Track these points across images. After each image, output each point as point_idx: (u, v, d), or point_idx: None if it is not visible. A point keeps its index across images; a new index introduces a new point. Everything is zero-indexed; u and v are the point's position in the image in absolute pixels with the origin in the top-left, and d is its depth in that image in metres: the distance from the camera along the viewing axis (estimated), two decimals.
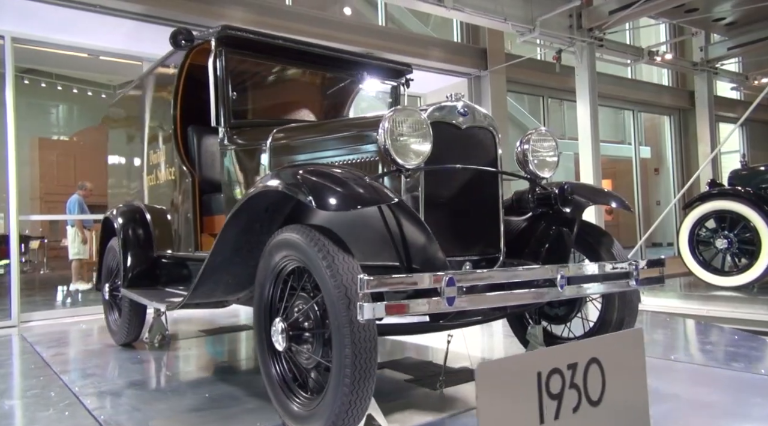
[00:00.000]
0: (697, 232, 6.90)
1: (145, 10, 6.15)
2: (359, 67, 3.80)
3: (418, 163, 2.23)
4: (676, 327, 4.51)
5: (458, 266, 2.30)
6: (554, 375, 1.70)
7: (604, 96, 10.24)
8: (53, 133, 15.43)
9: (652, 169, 14.46)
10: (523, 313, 2.97)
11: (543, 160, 2.71)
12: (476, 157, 2.47)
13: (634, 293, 2.72)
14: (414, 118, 2.22)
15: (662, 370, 3.04)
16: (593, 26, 8.54)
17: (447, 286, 1.85)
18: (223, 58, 3.16)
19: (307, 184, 1.99)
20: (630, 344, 1.92)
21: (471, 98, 9.36)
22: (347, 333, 1.84)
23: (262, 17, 6.94)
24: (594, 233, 2.82)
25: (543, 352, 1.88)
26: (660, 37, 13.02)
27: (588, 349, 1.81)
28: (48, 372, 3.48)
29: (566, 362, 1.73)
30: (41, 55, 7.34)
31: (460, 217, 2.41)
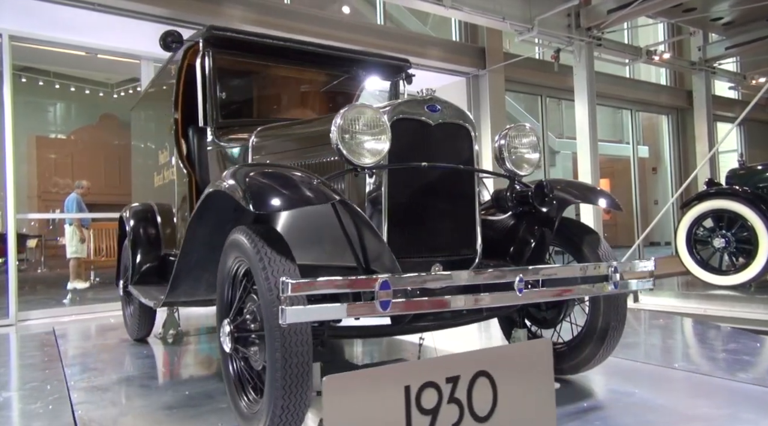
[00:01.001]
0: (694, 231, 6.91)
1: (144, 8, 6.14)
2: (354, 64, 3.71)
3: (375, 161, 2.15)
4: (674, 327, 4.52)
5: (427, 267, 2.19)
6: (428, 389, 1.57)
7: (602, 95, 10.25)
8: (51, 132, 15.40)
9: (650, 169, 14.48)
10: (510, 315, 2.80)
11: (521, 157, 2.58)
12: (449, 155, 2.36)
13: (621, 297, 2.55)
14: (369, 116, 2.14)
15: (656, 378, 2.90)
16: (591, 25, 8.54)
17: (381, 289, 1.76)
18: (210, 59, 3.16)
19: (245, 184, 1.92)
20: (534, 356, 1.77)
21: (470, 97, 9.37)
22: (277, 336, 1.79)
23: (261, 16, 6.93)
24: (579, 232, 2.67)
25: (414, 365, 1.71)
26: (658, 37, 13.04)
27: (474, 362, 1.67)
28: (56, 365, 3.55)
29: (444, 375, 1.61)
30: (39, 53, 7.33)
31: (430, 217, 2.31)
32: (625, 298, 2.58)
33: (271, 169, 2.05)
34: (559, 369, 2.68)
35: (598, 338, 2.57)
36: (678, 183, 13.05)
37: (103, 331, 4.90)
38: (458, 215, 2.38)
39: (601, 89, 9.62)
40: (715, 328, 4.36)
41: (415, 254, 2.23)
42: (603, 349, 2.59)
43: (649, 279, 2.45)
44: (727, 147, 13.91)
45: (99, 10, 5.89)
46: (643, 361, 3.23)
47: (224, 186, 2.01)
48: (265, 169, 2.03)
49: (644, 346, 3.83)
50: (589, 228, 2.72)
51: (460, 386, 1.63)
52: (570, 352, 2.70)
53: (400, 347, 3.80)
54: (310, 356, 1.83)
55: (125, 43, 6.75)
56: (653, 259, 2.47)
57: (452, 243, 2.35)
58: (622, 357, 3.24)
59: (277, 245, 1.94)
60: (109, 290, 8.62)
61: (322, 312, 1.75)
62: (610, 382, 2.82)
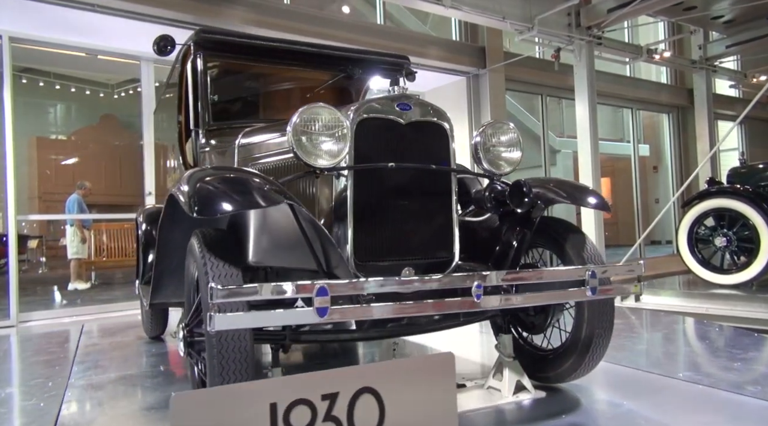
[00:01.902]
0: (696, 230, 6.91)
1: (143, 9, 6.13)
2: (348, 63, 3.60)
3: (333, 163, 2.11)
4: (674, 328, 4.50)
5: (397, 271, 2.14)
6: (299, 407, 1.48)
7: (602, 94, 10.24)
8: (51, 133, 15.40)
9: (651, 167, 14.46)
10: (495, 320, 2.69)
11: (498, 156, 2.47)
12: (423, 154, 2.28)
13: (607, 303, 2.39)
14: (326, 116, 2.10)
15: (649, 387, 2.74)
16: (592, 24, 8.53)
17: (317, 295, 1.72)
18: (201, 61, 3.16)
19: (191, 190, 1.87)
20: (435, 371, 1.64)
21: (470, 97, 9.36)
22: (214, 343, 1.78)
23: (261, 16, 6.92)
24: (564, 232, 2.50)
25: (282, 381, 1.59)
26: (659, 35, 13.01)
27: (356, 378, 1.57)
28: (66, 362, 3.62)
29: (320, 392, 1.51)
30: (39, 54, 7.32)
31: (400, 219, 2.24)
32: (611, 304, 2.43)
33: (221, 174, 2.00)
34: (545, 377, 2.61)
35: (582, 346, 2.42)
36: (679, 182, 13.03)
37: (124, 329, 4.95)
38: (432, 217, 2.31)
39: (601, 88, 9.61)
40: (717, 329, 4.33)
41: (385, 258, 2.17)
42: (588, 358, 2.45)
43: (635, 283, 2.28)
44: (728, 145, 13.89)
45: (99, 11, 5.89)
46: (636, 368, 3.09)
47: (174, 191, 1.98)
48: (214, 174, 1.99)
49: (641, 351, 3.71)
50: (574, 227, 2.56)
51: (339, 404, 1.52)
52: (555, 360, 2.57)
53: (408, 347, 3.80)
54: (249, 363, 1.81)
55: (125, 44, 6.75)
56: (642, 262, 2.32)
57: (426, 246, 2.28)
58: (614, 362, 3.14)
59: (222, 249, 1.91)
60: (110, 291, 8.64)
61: (253, 319, 1.70)
62: (599, 391, 2.69)
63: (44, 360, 3.80)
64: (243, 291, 1.68)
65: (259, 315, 1.71)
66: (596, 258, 2.38)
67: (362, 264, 2.15)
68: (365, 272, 2.12)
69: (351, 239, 2.13)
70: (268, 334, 2.11)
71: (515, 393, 2.49)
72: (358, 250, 2.14)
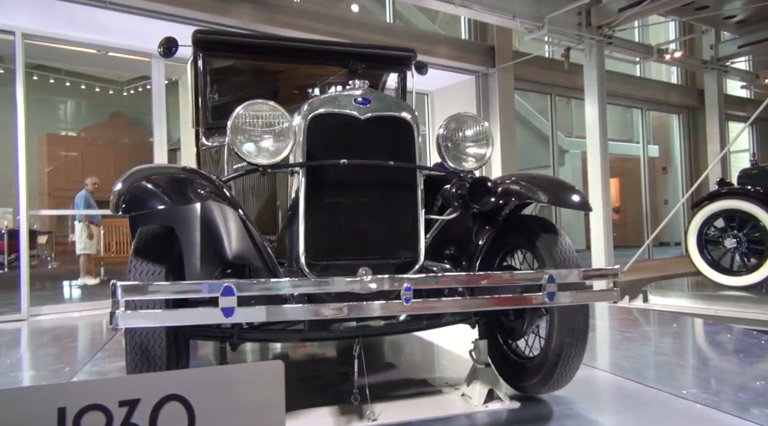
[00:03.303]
0: (705, 231, 6.86)
1: (155, 7, 6.15)
2: (352, 58, 3.45)
3: (276, 160, 2.08)
4: (682, 332, 4.45)
5: (354, 271, 2.05)
6: (92, 412, 1.41)
7: (612, 94, 10.17)
8: (61, 129, 15.51)
9: (660, 168, 14.36)
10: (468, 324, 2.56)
11: (463, 151, 2.35)
12: (384, 150, 2.19)
13: (578, 311, 2.22)
14: (266, 113, 2.08)
15: (637, 401, 2.57)
16: (602, 24, 8.47)
17: (223, 295, 1.70)
18: (201, 62, 3.16)
19: (120, 188, 1.89)
20: (260, 381, 1.55)
21: (479, 96, 9.33)
22: (128, 339, 1.81)
23: (270, 14, 6.94)
24: (538, 231, 2.35)
25: (74, 385, 1.52)
26: (669, 35, 12.91)
27: (162, 385, 1.48)
28: (90, 351, 3.77)
29: (118, 398, 1.43)
30: (50, 51, 7.36)
31: (357, 218, 2.16)
32: (584, 311, 2.25)
33: (153, 172, 2.00)
34: (522, 387, 2.50)
35: (553, 357, 2.27)
36: (688, 183, 12.94)
37: None
38: (394, 215, 2.21)
39: (611, 88, 9.55)
40: (726, 331, 4.29)
41: (340, 257, 2.12)
42: (559, 369, 2.29)
43: (610, 290, 2.11)
44: (738, 147, 13.77)
45: (111, 8, 5.92)
46: (626, 377, 2.94)
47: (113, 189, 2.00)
48: (147, 173, 1.98)
49: (635, 357, 3.51)
50: (549, 226, 2.39)
51: (139, 410, 1.44)
52: (531, 370, 2.42)
53: (413, 344, 3.80)
54: (163, 360, 1.82)
55: (136, 42, 6.78)
56: (618, 266, 2.17)
57: (387, 245, 2.19)
58: (605, 369, 3.04)
59: (149, 247, 1.93)
60: None
61: (155, 318, 1.72)
62: (582, 403, 2.53)
63: (59, 350, 3.92)
64: (146, 289, 1.69)
65: (160, 314, 1.73)
66: (569, 261, 2.22)
67: (314, 263, 2.10)
68: (318, 272, 2.09)
69: (303, 238, 2.10)
70: (215, 332, 2.10)
71: (486, 402, 2.40)
72: (310, 248, 2.10)
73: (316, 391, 2.80)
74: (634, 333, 4.44)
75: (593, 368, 3.11)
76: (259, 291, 1.81)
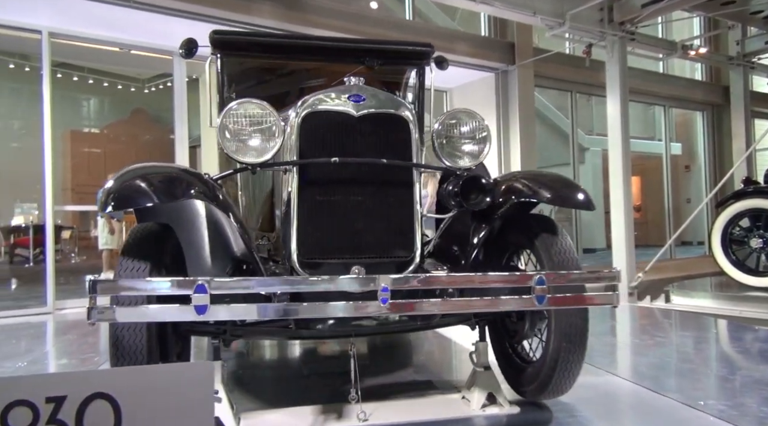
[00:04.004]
0: (730, 230, 6.75)
1: (176, 5, 6.21)
2: (367, 55, 3.37)
3: (264, 159, 2.08)
4: (707, 333, 4.37)
5: (346, 270, 2.03)
6: (19, 407, 1.42)
7: (634, 91, 10.02)
8: (84, 126, 15.77)
9: (683, 166, 14.13)
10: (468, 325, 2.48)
11: (457, 148, 2.27)
12: (379, 148, 2.15)
13: (576, 315, 2.12)
14: (253, 112, 2.07)
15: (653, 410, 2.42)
16: (625, 20, 8.34)
17: (195, 292, 1.71)
18: (217, 62, 3.19)
19: (111, 187, 1.91)
20: (188, 381, 1.53)
21: (498, 93, 9.27)
22: (111, 334, 1.87)
23: (289, 11, 6.97)
24: (539, 231, 2.25)
25: (2, 381, 1.53)
26: (694, 31, 12.68)
27: (88, 382, 1.46)
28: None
29: (45, 394, 1.43)
30: (74, 49, 7.49)
31: (350, 216, 2.13)
32: (583, 315, 2.15)
33: (141, 172, 2.00)
34: (522, 391, 2.43)
35: (550, 361, 2.18)
36: (712, 181, 12.70)
37: None
38: (389, 214, 2.17)
39: (633, 85, 9.41)
40: (751, 333, 4.19)
41: (333, 256, 2.10)
42: (557, 375, 2.19)
43: (608, 293, 1.98)
44: (765, 144, 13.47)
45: (135, 7, 6.00)
46: (640, 384, 2.79)
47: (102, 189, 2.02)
48: (135, 172, 1.99)
49: (658, 362, 3.33)
50: (549, 226, 2.28)
51: (66, 407, 1.44)
52: (532, 374, 2.35)
53: (430, 343, 3.79)
54: (143, 354, 1.86)
55: (158, 40, 6.87)
56: (617, 268, 2.05)
57: (382, 244, 2.15)
58: (618, 374, 2.91)
59: (136, 244, 1.96)
60: None
61: (126, 314, 1.75)
62: (586, 410, 2.42)
63: (86, 341, 4.03)
64: (118, 286, 1.74)
65: (134, 310, 1.76)
66: (568, 262, 2.12)
67: (307, 262, 2.09)
68: (311, 270, 2.08)
69: (295, 236, 2.09)
70: (209, 328, 2.13)
71: (485, 406, 2.34)
72: (302, 247, 2.09)
73: (309, 388, 2.79)
74: (653, 334, 4.35)
75: (607, 373, 3.01)
76: (230, 290, 1.80)
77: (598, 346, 3.70)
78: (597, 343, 3.84)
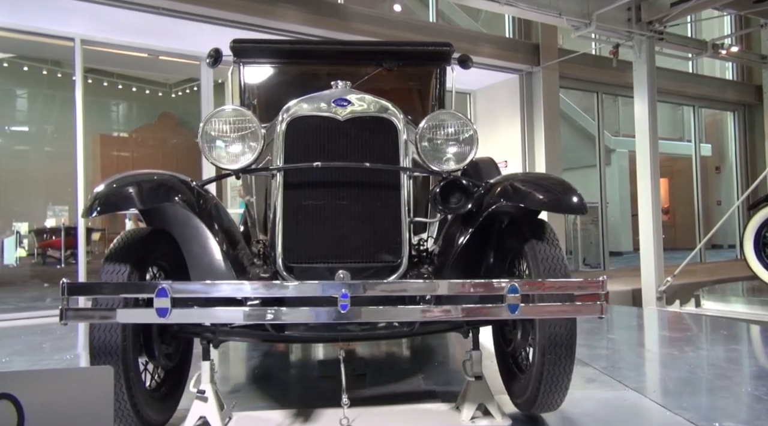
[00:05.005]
0: (764, 233, 6.57)
1: (203, 11, 6.32)
2: (385, 56, 3.30)
3: (244, 165, 2.13)
4: (739, 340, 4.24)
5: (331, 275, 2.02)
6: None
7: (662, 91, 9.85)
8: (113, 130, 16.13)
9: (713, 168, 13.82)
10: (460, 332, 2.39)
11: (440, 150, 2.20)
12: (365, 151, 2.14)
13: (560, 326, 1.99)
14: (233, 118, 2.11)
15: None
16: (653, 19, 8.21)
17: (157, 296, 1.76)
18: (240, 70, 3.24)
19: (94, 194, 1.98)
20: (88, 384, 1.53)
21: (522, 95, 9.20)
22: (90, 332, 1.92)
23: (314, 15, 7.02)
24: (529, 236, 2.12)
25: None
26: (724, 30, 12.40)
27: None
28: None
29: None
30: (104, 56, 7.67)
31: (337, 221, 2.12)
32: (568, 326, 2.00)
33: (126, 178, 2.05)
34: (516, 403, 2.33)
35: (536, 374, 2.06)
36: (744, 183, 12.40)
37: None
38: (375, 218, 2.14)
39: (661, 85, 9.25)
40: None
41: (318, 260, 2.10)
42: (543, 387, 2.06)
43: (592, 304, 1.85)
44: None
45: (163, 14, 6.12)
46: (658, 402, 2.55)
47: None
48: (121, 178, 2.04)
49: (681, 374, 3.06)
50: (538, 229, 2.14)
51: None
52: (522, 386, 2.24)
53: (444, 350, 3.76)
54: (119, 355, 1.91)
55: (186, 45, 6.99)
56: (604, 277, 1.89)
57: (367, 248, 2.12)
58: (635, 388, 2.68)
59: (118, 248, 2.02)
60: None
61: (91, 315, 1.83)
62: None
63: None
64: (86, 289, 1.84)
65: (100, 312, 1.83)
66: (555, 269, 2.00)
67: (291, 265, 2.11)
68: (295, 275, 2.10)
69: (280, 241, 2.11)
70: (197, 329, 2.18)
71: (474, 418, 2.25)
72: (286, 251, 2.10)
73: (298, 393, 2.78)
74: (680, 342, 4.12)
75: (624, 387, 2.77)
76: (190, 293, 1.86)
77: (617, 355, 3.58)
78: (617, 350, 3.72)
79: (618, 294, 8.14)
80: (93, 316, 1.85)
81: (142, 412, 2.02)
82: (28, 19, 6.12)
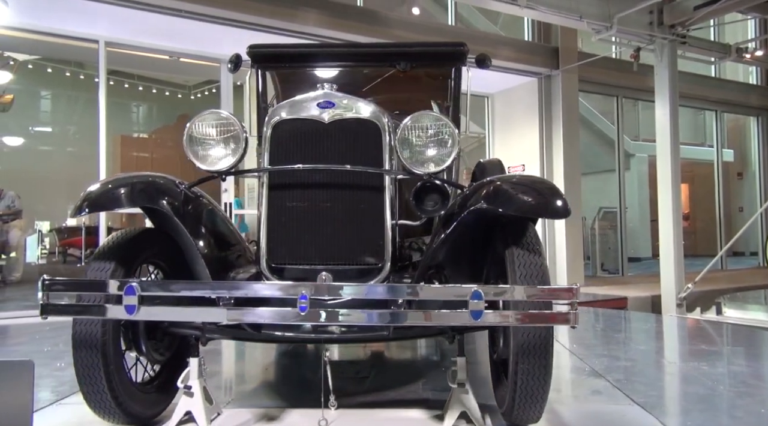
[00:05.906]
0: None
1: (224, 14, 6.39)
2: (398, 58, 3.25)
3: (227, 167, 2.16)
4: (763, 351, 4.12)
5: (314, 276, 2.03)
6: None
7: (684, 96, 9.72)
8: (134, 131, 16.37)
9: (735, 174, 13.59)
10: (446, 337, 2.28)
11: (421, 153, 2.16)
12: (350, 153, 2.16)
13: (533, 334, 1.91)
14: (217, 121, 2.14)
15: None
16: (676, 23, 8.10)
17: (126, 294, 1.80)
18: (258, 75, 3.28)
19: (85, 193, 2.06)
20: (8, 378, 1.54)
21: (541, 98, 9.14)
22: (73, 327, 1.98)
23: (334, 18, 7.06)
24: (508, 240, 2.04)
25: None
26: (748, 33, 12.20)
27: None
28: None
29: None
30: (126, 58, 7.79)
31: (321, 222, 2.15)
32: (542, 335, 1.91)
33: (117, 180, 2.15)
34: (501, 413, 2.21)
35: (511, 382, 1.98)
36: (767, 189, 12.17)
37: None
38: (358, 220, 2.16)
39: (683, 89, 9.12)
40: None
41: (301, 262, 2.12)
42: (518, 397, 1.97)
43: (564, 313, 1.77)
44: None
45: (185, 17, 6.20)
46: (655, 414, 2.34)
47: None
48: (112, 180, 2.14)
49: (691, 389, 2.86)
50: (518, 234, 2.05)
51: None
52: (504, 395, 2.14)
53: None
54: (99, 349, 1.96)
55: (207, 47, 7.07)
56: (576, 284, 1.82)
57: (350, 250, 2.14)
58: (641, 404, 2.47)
59: (106, 246, 2.08)
60: None
61: (67, 311, 1.89)
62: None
63: None
64: (66, 284, 1.88)
65: (73, 308, 1.89)
66: (532, 275, 1.92)
67: (274, 266, 2.15)
68: (279, 276, 2.14)
69: (265, 242, 2.15)
70: (186, 326, 2.21)
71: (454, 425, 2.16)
72: (270, 252, 2.15)
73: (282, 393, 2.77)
74: (700, 354, 3.87)
75: (629, 402, 2.56)
76: (158, 291, 1.90)
77: (631, 366, 3.35)
78: (631, 361, 3.50)
79: (637, 300, 8.03)
80: (69, 311, 1.91)
81: (126, 404, 2.05)
82: (54, 21, 6.24)
